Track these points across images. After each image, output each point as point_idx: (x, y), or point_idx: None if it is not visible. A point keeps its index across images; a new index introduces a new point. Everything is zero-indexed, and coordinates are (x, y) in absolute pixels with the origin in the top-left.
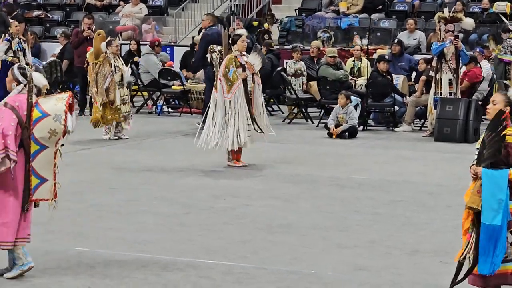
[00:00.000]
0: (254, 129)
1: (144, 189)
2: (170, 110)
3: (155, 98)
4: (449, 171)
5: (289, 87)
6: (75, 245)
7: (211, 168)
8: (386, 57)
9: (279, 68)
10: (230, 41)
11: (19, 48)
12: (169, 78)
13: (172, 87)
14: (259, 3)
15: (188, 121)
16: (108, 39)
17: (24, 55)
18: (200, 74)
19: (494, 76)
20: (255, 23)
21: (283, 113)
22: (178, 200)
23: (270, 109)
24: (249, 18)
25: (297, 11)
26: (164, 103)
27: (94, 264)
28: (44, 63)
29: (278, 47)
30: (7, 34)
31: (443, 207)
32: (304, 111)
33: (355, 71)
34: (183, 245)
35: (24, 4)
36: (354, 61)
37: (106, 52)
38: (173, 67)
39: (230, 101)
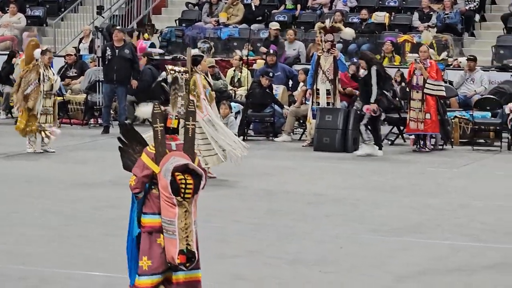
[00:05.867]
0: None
1: (25, 201)
2: None
3: None
4: (328, 180)
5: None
6: None
7: (92, 179)
8: (271, 74)
9: (160, 79)
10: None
11: None
12: None
13: None
14: (139, 14)
15: (68, 132)
16: (45, 47)
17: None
18: (79, 85)
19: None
20: (135, 34)
21: None
22: (59, 212)
23: None
24: (129, 28)
25: (177, 21)
26: None
27: None
28: None
29: (158, 57)
30: None
31: (322, 216)
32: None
33: (236, 82)
34: (63, 257)
35: None
36: (234, 71)
37: (37, 60)
38: None
39: (209, 119)
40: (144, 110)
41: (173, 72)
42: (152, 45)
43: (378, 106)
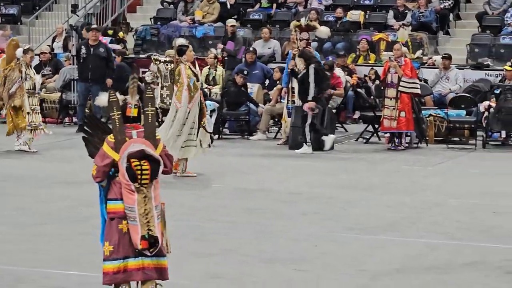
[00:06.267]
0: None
1: (0, 199)
2: None
3: None
4: (303, 179)
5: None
6: None
7: (68, 178)
8: (245, 72)
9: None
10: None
11: None
12: None
13: None
14: (114, 12)
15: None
16: (27, 47)
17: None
18: (54, 83)
19: (348, 84)
20: (110, 32)
21: None
22: (35, 210)
23: None
24: (104, 27)
25: (152, 20)
26: None
27: None
28: None
29: (133, 56)
30: None
31: (297, 215)
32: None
33: (210, 80)
34: (38, 256)
35: None
36: (209, 69)
37: (18, 59)
38: None
39: (189, 111)
40: (102, 98)
41: (157, 62)
42: (112, 41)
43: (317, 104)
